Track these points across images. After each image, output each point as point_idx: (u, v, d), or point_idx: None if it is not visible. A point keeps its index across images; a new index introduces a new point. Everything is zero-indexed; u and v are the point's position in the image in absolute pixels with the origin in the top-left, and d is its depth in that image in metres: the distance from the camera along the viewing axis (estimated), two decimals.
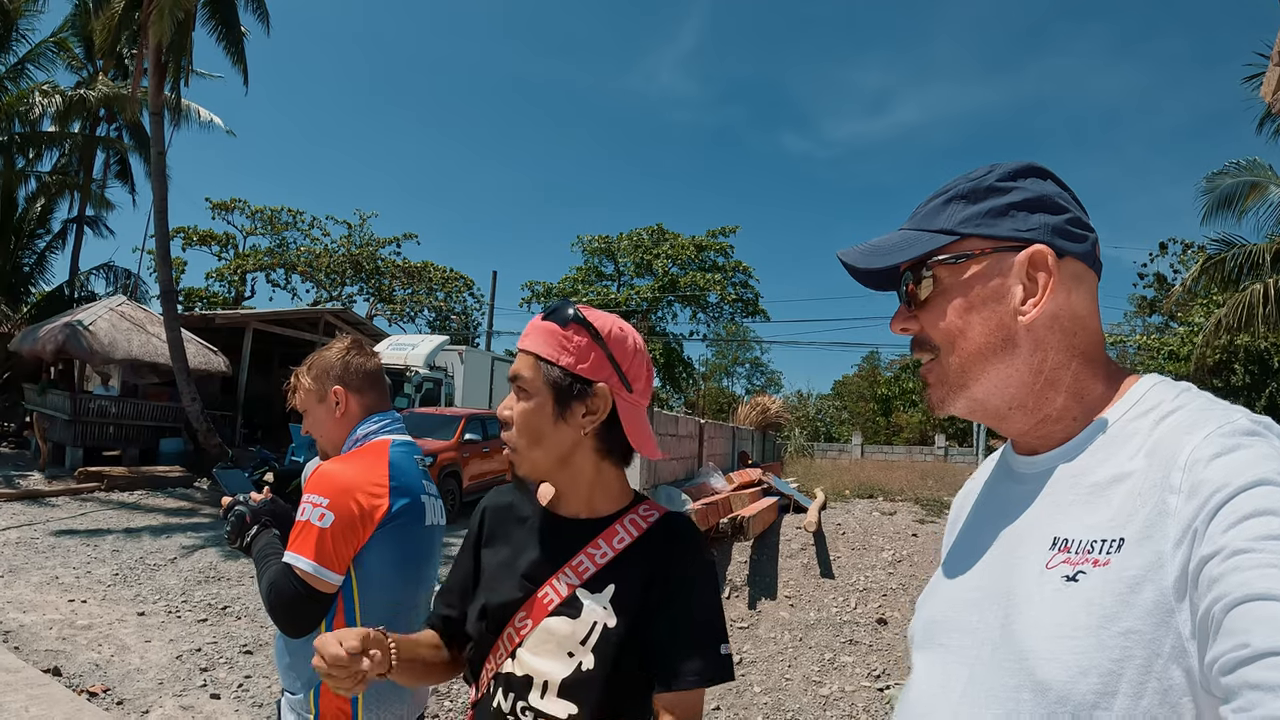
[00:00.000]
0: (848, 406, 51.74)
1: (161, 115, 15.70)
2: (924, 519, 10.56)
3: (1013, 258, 0.88)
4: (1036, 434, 0.90)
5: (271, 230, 37.44)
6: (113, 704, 4.75)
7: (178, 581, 7.73)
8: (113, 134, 22.82)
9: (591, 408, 1.26)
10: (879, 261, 0.93)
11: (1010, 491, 0.93)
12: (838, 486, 13.82)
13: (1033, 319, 0.86)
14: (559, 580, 1.26)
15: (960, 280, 0.90)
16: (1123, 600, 0.70)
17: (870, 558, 8.80)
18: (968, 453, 30.55)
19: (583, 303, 10.28)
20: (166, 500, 13.23)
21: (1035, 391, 0.88)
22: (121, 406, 16.19)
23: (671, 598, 1.25)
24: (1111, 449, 0.81)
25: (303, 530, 1.79)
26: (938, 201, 0.94)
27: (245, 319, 20.13)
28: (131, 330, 16.62)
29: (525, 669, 1.24)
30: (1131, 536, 0.72)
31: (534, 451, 1.27)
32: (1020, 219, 0.89)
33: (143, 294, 23.35)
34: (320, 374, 2.13)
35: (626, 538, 1.29)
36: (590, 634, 1.22)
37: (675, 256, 34.53)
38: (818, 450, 32.93)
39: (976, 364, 0.89)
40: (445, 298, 39.83)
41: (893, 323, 0.98)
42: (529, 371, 1.26)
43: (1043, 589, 0.78)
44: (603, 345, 1.27)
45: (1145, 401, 0.83)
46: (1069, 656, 0.72)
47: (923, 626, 0.99)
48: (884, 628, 6.82)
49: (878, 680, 5.74)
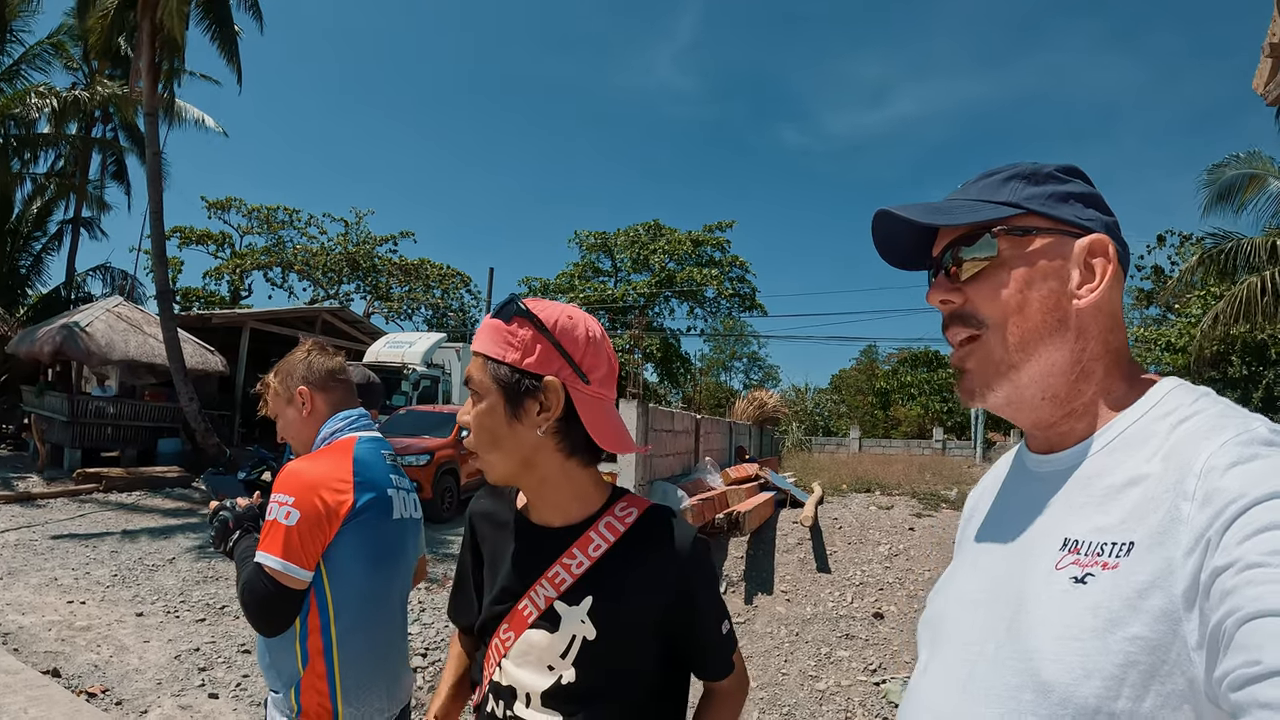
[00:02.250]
0: (845, 400, 51.78)
1: (156, 116, 15.69)
2: (921, 513, 10.55)
3: (1072, 242, 0.87)
4: (1059, 430, 0.89)
5: (268, 229, 37.48)
6: (111, 704, 4.76)
7: (176, 582, 7.73)
8: (109, 135, 22.82)
9: (545, 404, 1.19)
10: (941, 219, 0.90)
11: (1025, 490, 0.93)
12: (835, 480, 13.80)
13: (1088, 304, 0.86)
14: (536, 592, 1.23)
15: (1022, 253, 0.88)
16: (1130, 605, 0.70)
17: (867, 552, 8.80)
18: (966, 446, 30.58)
19: (580, 298, 10.16)
20: (165, 501, 13.22)
21: (1070, 382, 0.87)
22: (119, 407, 16.19)
23: (678, 600, 1.24)
24: (1128, 451, 0.81)
25: (270, 529, 1.83)
26: (996, 178, 0.93)
27: (242, 318, 20.16)
28: (128, 331, 16.60)
29: (509, 679, 1.23)
30: (1142, 541, 0.72)
31: (493, 455, 1.22)
32: (1078, 209, 0.89)
33: (139, 294, 23.31)
34: (285, 376, 2.17)
35: (603, 544, 1.24)
36: (570, 647, 1.20)
37: (672, 252, 34.55)
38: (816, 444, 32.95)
39: (1029, 343, 0.86)
40: (442, 295, 39.91)
41: (931, 294, 0.95)
42: (478, 372, 1.21)
43: (1050, 589, 0.77)
44: (549, 336, 1.19)
45: (1164, 404, 0.83)
46: (1073, 659, 0.71)
47: (931, 621, 0.99)
48: (880, 622, 6.82)
49: (874, 675, 5.76)
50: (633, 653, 1.23)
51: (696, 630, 1.28)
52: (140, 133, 19.56)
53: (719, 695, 1.36)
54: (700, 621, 1.28)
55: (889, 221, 0.95)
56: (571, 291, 34.95)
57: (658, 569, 1.24)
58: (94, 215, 23.10)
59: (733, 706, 1.37)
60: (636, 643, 1.23)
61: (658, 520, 1.29)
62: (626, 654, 1.22)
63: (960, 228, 0.91)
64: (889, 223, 0.95)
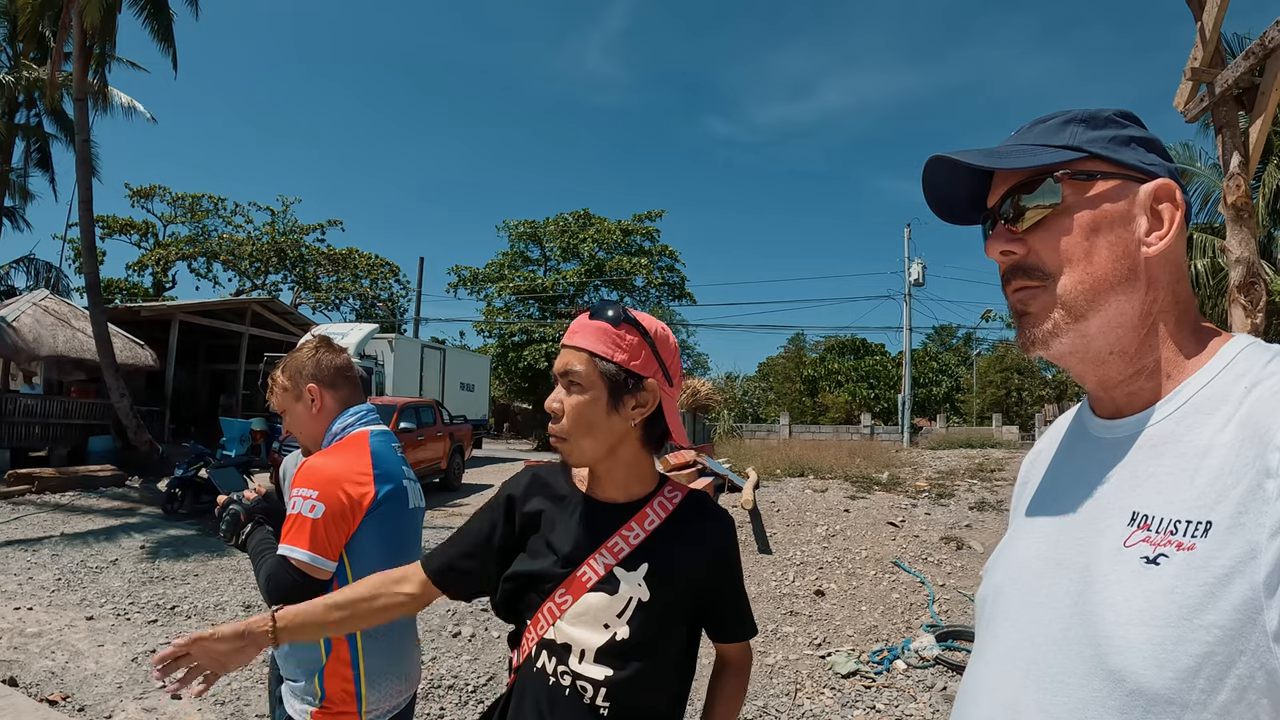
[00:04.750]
0: (774, 387, 52.18)
1: (86, 101, 15.17)
2: (855, 495, 10.92)
3: (1137, 187, 0.83)
4: (1126, 389, 0.85)
5: (192, 218, 36.27)
6: (74, 711, 4.72)
7: (122, 583, 7.59)
8: (33, 121, 21.79)
9: (641, 401, 1.36)
10: (1001, 163, 0.86)
11: (1088, 456, 0.88)
12: (769, 466, 13.93)
13: (1158, 251, 0.81)
14: (596, 560, 1.38)
15: (1086, 198, 0.83)
16: (1209, 592, 0.65)
17: (805, 533, 9.06)
18: (893, 430, 31.24)
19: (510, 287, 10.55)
20: (100, 500, 12.92)
21: (1140, 337, 0.83)
22: (47, 405, 15.67)
23: (714, 569, 1.45)
24: (1199, 417, 0.76)
25: (295, 523, 1.90)
26: (1054, 122, 0.88)
27: (171, 311, 19.64)
28: (56, 325, 16.06)
29: (565, 637, 1.36)
30: (1221, 521, 0.67)
31: (585, 440, 1.36)
32: (1141, 153, 0.85)
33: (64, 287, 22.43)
34: (294, 374, 2.20)
35: (656, 519, 1.42)
36: (626, 608, 1.35)
37: (602, 241, 34.44)
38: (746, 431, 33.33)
39: (1099, 292, 0.81)
40: (371, 284, 39.21)
41: (989, 246, 0.90)
42: (582, 366, 1.34)
43: (1119, 569, 0.73)
44: (651, 343, 1.37)
45: (1237, 365, 0.78)
46: (1147, 647, 0.68)
47: (988, 596, 0.95)
48: (822, 599, 7.10)
49: (819, 649, 6.01)
50: (676, 612, 1.41)
51: (728, 592, 1.49)
52: (67, 119, 18.77)
53: (733, 666, 1.55)
54: (732, 585, 1.50)
55: (941, 170, 0.92)
56: (501, 280, 34.57)
57: (698, 540, 1.44)
58: (17, 205, 22.06)
59: (745, 677, 1.56)
60: (680, 604, 1.41)
61: (697, 501, 1.50)
62: (672, 613, 1.39)
63: (1019, 173, 0.87)
64: (941, 171, 0.93)
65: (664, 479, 1.52)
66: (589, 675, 1.34)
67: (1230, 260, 4.52)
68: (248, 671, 5.35)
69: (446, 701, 4.93)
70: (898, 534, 9.00)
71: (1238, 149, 4.53)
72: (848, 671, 5.53)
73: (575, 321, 1.41)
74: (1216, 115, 4.76)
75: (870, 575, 7.69)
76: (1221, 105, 4.68)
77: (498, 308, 35.43)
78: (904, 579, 7.59)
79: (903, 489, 11.61)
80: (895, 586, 7.39)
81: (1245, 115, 4.63)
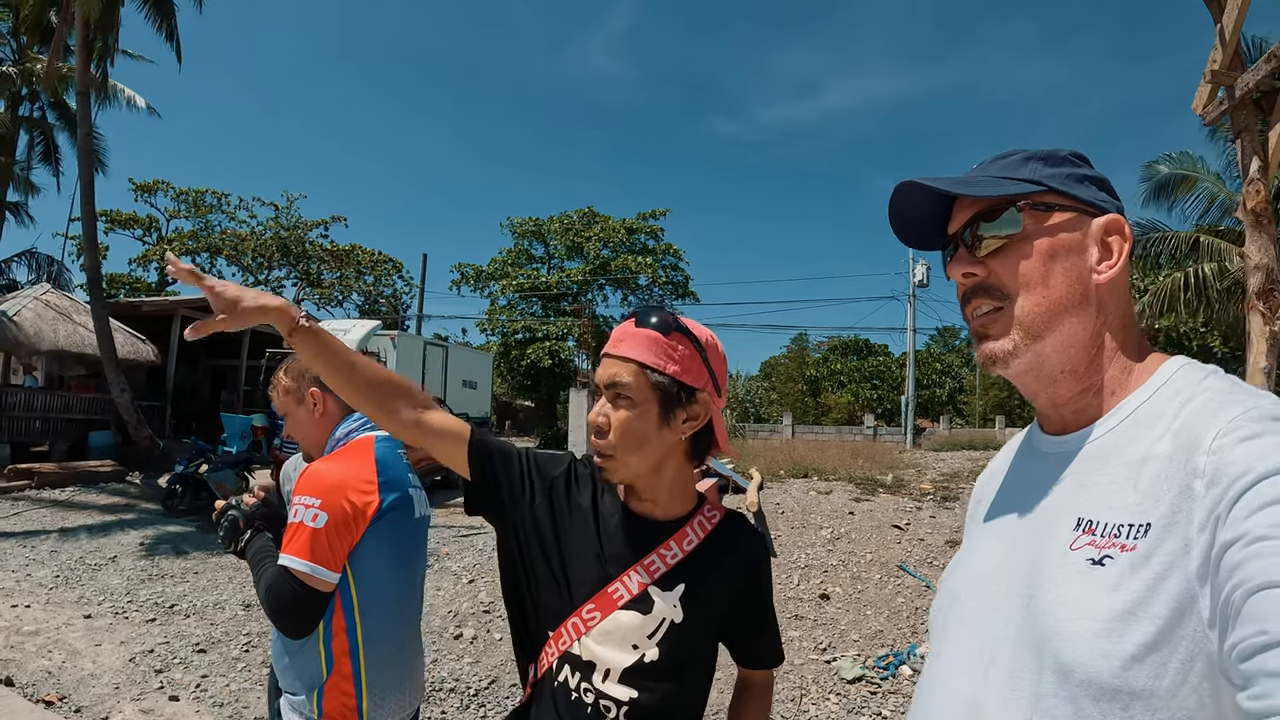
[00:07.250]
0: (776, 387, 52.24)
1: (89, 94, 15.14)
2: (859, 498, 10.88)
3: (1090, 221, 0.91)
4: (1074, 407, 0.92)
5: (195, 213, 36.08)
6: (71, 712, 4.63)
7: (121, 581, 7.54)
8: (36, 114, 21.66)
9: (692, 414, 1.30)
10: (970, 191, 0.93)
11: (1036, 470, 0.95)
12: (772, 466, 13.91)
13: (1108, 279, 0.89)
14: (630, 577, 1.31)
15: (1045, 227, 0.90)
16: (1150, 586, 0.71)
17: (810, 536, 9.01)
18: (896, 432, 31.20)
19: (513, 285, 10.36)
20: (100, 496, 12.86)
21: (1089, 357, 0.90)
22: (48, 399, 15.63)
23: (749, 594, 1.41)
24: (1139, 430, 0.82)
25: (296, 532, 1.81)
26: (1015, 158, 0.96)
27: (173, 306, 19.57)
28: (58, 320, 16.03)
29: (590, 655, 1.29)
30: (1158, 522, 0.73)
31: (632, 456, 1.29)
32: (1093, 190, 0.92)
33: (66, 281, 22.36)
34: (297, 376, 2.15)
35: (695, 539, 1.36)
36: (659, 629, 1.29)
37: (606, 239, 34.42)
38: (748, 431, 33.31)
39: (1055, 315, 0.89)
40: (374, 281, 39.12)
41: (952, 268, 0.97)
42: (631, 378, 1.27)
43: (1065, 570, 0.79)
44: (703, 354, 1.30)
45: (1174, 383, 0.85)
46: (1093, 640, 0.73)
47: (943, 605, 1.01)
48: (827, 603, 7.04)
49: (824, 654, 5.96)
50: (707, 636, 1.37)
51: (761, 618, 1.45)
52: (71, 112, 18.65)
53: (756, 689, 1.51)
54: (764, 611, 1.46)
55: (908, 197, 0.99)
56: (504, 278, 34.58)
57: (736, 564, 1.39)
58: (21, 199, 21.97)
59: (769, 700, 1.52)
60: (711, 626, 1.37)
61: (734, 523, 1.45)
62: (703, 637, 1.35)
63: (981, 203, 0.94)
64: (907, 199, 0.99)
65: (701, 498, 1.45)
66: (613, 695, 1.28)
67: (1249, 266, 4.43)
68: (247, 673, 5.30)
69: (448, 705, 4.87)
70: (902, 537, 8.94)
71: (1257, 153, 4.45)
72: (853, 677, 5.47)
73: (619, 329, 1.34)
74: (1235, 119, 4.68)
75: (875, 579, 7.62)
76: (1241, 109, 4.60)
77: (501, 305, 35.42)
78: (909, 583, 7.52)
79: (907, 491, 11.55)
80: (900, 590, 7.33)
81: (1265, 119, 4.55)
